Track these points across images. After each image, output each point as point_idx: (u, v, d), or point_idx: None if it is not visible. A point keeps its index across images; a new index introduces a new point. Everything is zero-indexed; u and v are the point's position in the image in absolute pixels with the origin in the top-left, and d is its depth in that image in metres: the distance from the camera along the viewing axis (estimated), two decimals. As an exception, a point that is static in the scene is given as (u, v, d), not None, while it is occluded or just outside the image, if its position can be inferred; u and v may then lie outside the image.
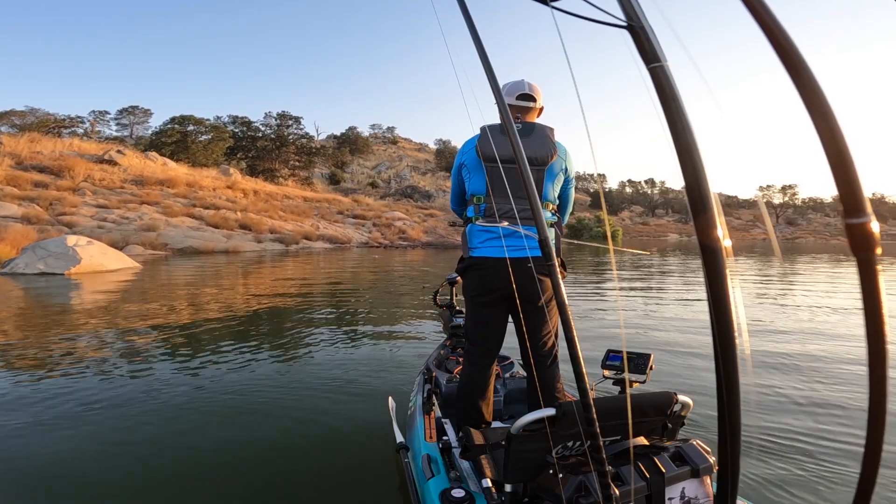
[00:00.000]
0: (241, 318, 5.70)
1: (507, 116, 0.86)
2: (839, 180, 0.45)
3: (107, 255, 10.25)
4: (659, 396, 1.23)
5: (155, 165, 27.22)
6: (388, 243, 24.35)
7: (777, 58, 0.47)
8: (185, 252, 15.67)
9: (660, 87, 0.58)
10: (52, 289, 7.83)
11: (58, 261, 9.22)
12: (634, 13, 0.60)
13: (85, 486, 1.99)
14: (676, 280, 10.64)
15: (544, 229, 0.86)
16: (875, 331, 0.48)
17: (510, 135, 0.86)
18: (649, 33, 0.59)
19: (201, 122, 37.49)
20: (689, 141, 0.58)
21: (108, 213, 18.20)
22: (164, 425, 2.59)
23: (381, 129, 70.24)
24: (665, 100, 0.58)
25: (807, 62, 0.46)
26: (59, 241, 9.74)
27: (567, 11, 0.64)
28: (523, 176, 0.85)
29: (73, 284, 8.20)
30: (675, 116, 0.58)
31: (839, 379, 3.42)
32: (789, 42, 0.46)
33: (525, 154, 1.77)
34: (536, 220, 0.85)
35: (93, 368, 3.61)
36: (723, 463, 0.69)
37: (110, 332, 4.82)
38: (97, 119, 46.87)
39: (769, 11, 0.47)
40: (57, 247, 9.51)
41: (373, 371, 3.63)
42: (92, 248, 10.00)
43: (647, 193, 70.63)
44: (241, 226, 20.33)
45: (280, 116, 43.66)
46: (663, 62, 0.59)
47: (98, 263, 9.75)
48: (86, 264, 9.43)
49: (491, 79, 0.88)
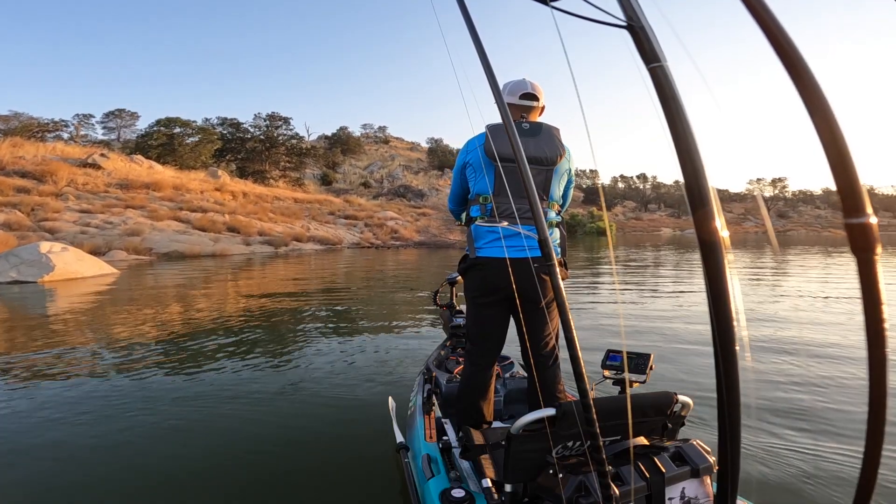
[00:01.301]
0: (231, 322, 5.54)
1: (507, 116, 0.87)
2: (839, 180, 0.45)
3: (82, 261, 9.89)
4: (659, 396, 1.23)
5: (140, 169, 26.69)
6: (381, 243, 24.05)
7: (777, 58, 0.46)
8: (171, 256, 15.27)
9: (660, 86, 0.58)
10: (25, 297, 7.52)
11: (31, 268, 8.86)
12: (634, 13, 0.59)
13: (84, 488, 1.99)
14: (670, 273, 10.54)
15: (544, 229, 0.86)
16: (875, 331, 0.48)
17: (510, 134, 0.87)
18: (649, 33, 0.59)
19: (188, 124, 36.91)
20: (688, 141, 0.57)
21: (91, 217, 17.74)
22: (163, 427, 2.60)
23: (373, 128, 69.96)
24: (665, 99, 0.57)
25: (807, 63, 0.46)
26: (32, 248, 9.36)
27: (567, 11, 0.63)
28: (523, 176, 0.86)
29: (46, 292, 7.91)
30: (674, 116, 0.57)
31: (840, 377, 3.36)
32: (789, 42, 0.46)
33: (534, 154, 1.74)
34: (536, 221, 0.86)
35: (76, 377, 3.49)
36: (723, 463, 0.68)
37: (90, 341, 4.53)
38: (81, 122, 46.16)
39: (769, 12, 0.47)
40: (30, 254, 9.15)
41: (372, 371, 3.61)
42: (66, 254, 9.63)
43: (640, 188, 70.86)
44: (229, 228, 19.93)
45: (269, 117, 43.16)
46: (663, 62, 0.58)
47: (73, 270, 9.40)
48: (60, 271, 9.08)
49: (490, 78, 0.88)
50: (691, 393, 1.32)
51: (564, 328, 0.85)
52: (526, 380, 2.12)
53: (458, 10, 0.88)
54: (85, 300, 7.15)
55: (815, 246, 22.66)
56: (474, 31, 0.88)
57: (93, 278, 9.49)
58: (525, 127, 1.76)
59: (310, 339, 4.71)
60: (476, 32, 0.88)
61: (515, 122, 1.63)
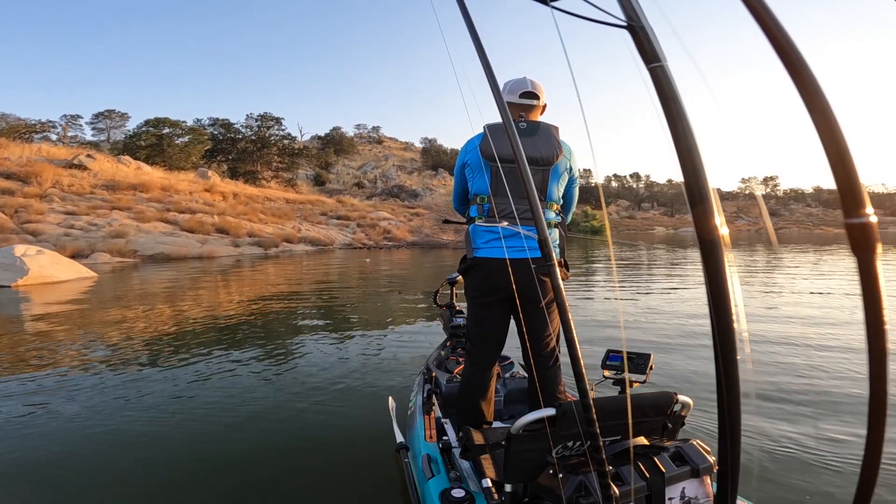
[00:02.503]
0: (220, 324, 5.43)
1: (507, 116, 0.86)
2: (839, 180, 0.46)
3: (58, 264, 9.62)
4: (659, 396, 1.22)
5: (128, 169, 26.30)
6: (373, 244, 23.83)
7: (777, 58, 0.47)
8: (156, 259, 14.96)
9: (660, 86, 0.59)
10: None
11: (4, 272, 8.59)
12: (634, 13, 0.60)
13: (83, 490, 2.00)
14: (666, 271, 10.45)
15: (544, 230, 0.86)
16: (876, 331, 0.48)
17: (510, 135, 0.86)
18: (649, 33, 0.59)
19: (177, 124, 36.52)
20: (689, 140, 0.58)
21: (75, 219, 17.40)
22: (162, 430, 2.60)
23: (367, 128, 69.71)
24: (665, 99, 0.58)
25: (807, 62, 0.46)
26: (6, 252, 9.10)
27: (567, 11, 0.64)
28: (523, 176, 0.86)
29: (18, 297, 7.65)
30: (675, 115, 0.58)
31: (840, 374, 3.33)
32: (789, 43, 0.46)
33: (530, 154, 1.73)
34: (536, 221, 0.86)
35: (61, 383, 3.39)
36: (723, 463, 0.68)
37: (72, 342, 4.31)
38: (69, 123, 45.56)
39: (769, 12, 0.47)
40: (4, 257, 8.88)
41: (372, 371, 3.60)
42: (42, 257, 9.37)
43: (633, 187, 71.10)
44: (217, 230, 19.63)
45: (261, 118, 42.79)
46: (663, 62, 0.59)
47: (48, 274, 9.14)
48: (34, 275, 8.82)
49: (490, 78, 0.88)
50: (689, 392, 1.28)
51: (564, 328, 0.85)
52: (526, 380, 2.14)
53: (458, 10, 0.88)
54: (55, 306, 6.91)
55: (808, 244, 22.76)
56: (474, 30, 0.88)
57: (69, 282, 9.24)
58: (522, 126, 1.75)
59: (307, 340, 4.67)
60: (476, 32, 0.88)
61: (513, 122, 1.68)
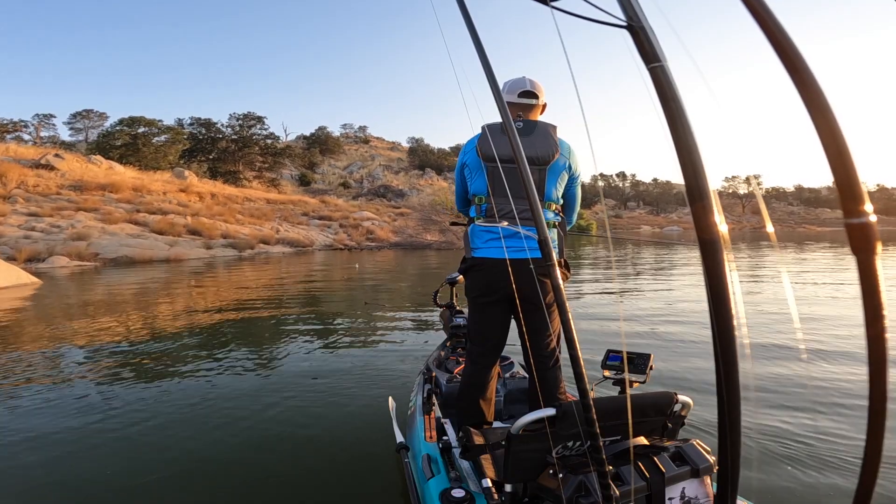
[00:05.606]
0: (209, 328, 5.39)
1: (507, 116, 0.87)
2: (839, 180, 0.45)
3: (-6, 270, 8.90)
4: (659, 396, 1.23)
5: (98, 169, 25.34)
6: (355, 245, 23.27)
7: (777, 57, 0.46)
8: (119, 262, 14.22)
9: (660, 86, 0.59)
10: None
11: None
12: (634, 13, 0.60)
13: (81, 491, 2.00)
14: (652, 270, 10.20)
15: (544, 230, 0.87)
16: (875, 331, 0.48)
17: (510, 135, 0.87)
18: (649, 33, 0.60)
19: (153, 123, 35.43)
20: (689, 140, 0.58)
21: (37, 221, 16.58)
22: (161, 432, 2.60)
23: (353, 128, 68.92)
24: (665, 99, 0.58)
25: (807, 63, 0.46)
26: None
27: (567, 11, 0.64)
28: (522, 176, 0.87)
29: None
30: (675, 115, 0.58)
31: (841, 374, 3.30)
32: (789, 42, 0.46)
33: (526, 153, 1.70)
34: (536, 221, 0.87)
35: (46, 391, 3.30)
36: (723, 463, 0.69)
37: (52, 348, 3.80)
38: (42, 123, 44.08)
39: (769, 12, 0.47)
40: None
41: (372, 371, 3.61)
42: (-28, 262, 8.66)
43: (619, 187, 71.43)
44: (190, 231, 18.93)
45: (243, 117, 41.84)
46: (663, 62, 0.59)
47: (-24, 281, 8.42)
48: (-44, 282, 8.10)
49: (490, 77, 0.89)
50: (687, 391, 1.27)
51: (564, 328, 0.86)
52: (526, 380, 2.15)
53: (458, 10, 0.89)
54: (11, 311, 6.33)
55: (790, 241, 22.88)
56: (474, 30, 0.88)
57: (5, 289, 8.56)
58: (518, 126, 1.74)
59: (304, 341, 4.68)
60: (476, 32, 0.88)
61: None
